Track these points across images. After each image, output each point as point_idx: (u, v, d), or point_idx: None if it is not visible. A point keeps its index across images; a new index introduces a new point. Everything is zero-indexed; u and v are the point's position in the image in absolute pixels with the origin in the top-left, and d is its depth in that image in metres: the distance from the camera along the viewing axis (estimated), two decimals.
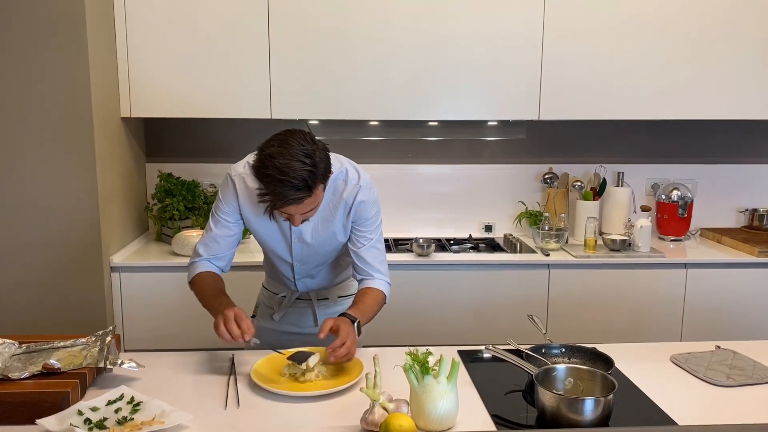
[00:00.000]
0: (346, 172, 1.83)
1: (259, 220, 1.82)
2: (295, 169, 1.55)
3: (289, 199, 1.58)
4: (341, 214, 1.83)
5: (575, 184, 3.20)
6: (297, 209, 1.63)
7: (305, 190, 1.58)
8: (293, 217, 1.68)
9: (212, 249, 1.87)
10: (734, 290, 2.84)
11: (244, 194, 1.81)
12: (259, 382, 1.57)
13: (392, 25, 2.79)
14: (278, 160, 1.56)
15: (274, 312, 2.02)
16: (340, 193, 1.81)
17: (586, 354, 1.69)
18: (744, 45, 2.88)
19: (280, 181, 1.55)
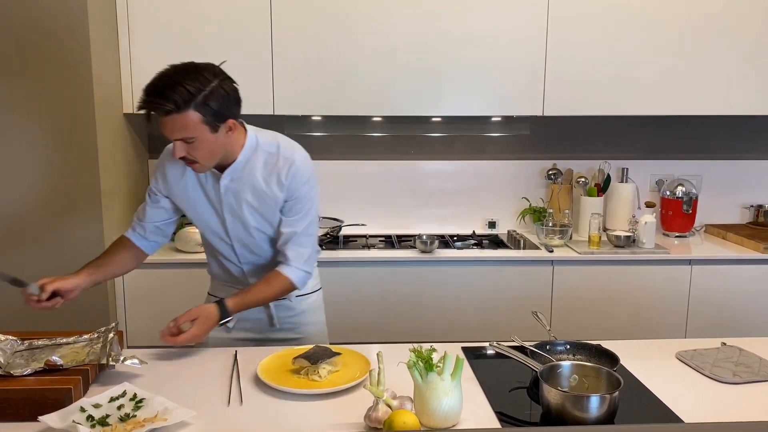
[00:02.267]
0: (278, 145, 1.80)
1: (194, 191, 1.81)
2: (175, 81, 1.56)
3: (153, 103, 1.56)
4: (275, 189, 1.77)
5: (579, 180, 3.19)
6: (167, 129, 1.61)
7: (170, 103, 1.56)
8: (174, 147, 1.65)
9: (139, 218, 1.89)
10: (739, 286, 2.83)
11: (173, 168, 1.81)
12: (264, 378, 1.56)
13: (395, 21, 2.78)
14: (167, 70, 1.60)
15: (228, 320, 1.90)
16: (271, 166, 1.77)
17: (590, 351, 1.68)
18: (750, 41, 2.86)
19: (153, 84, 1.58)
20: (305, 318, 1.98)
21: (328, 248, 2.88)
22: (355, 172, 3.23)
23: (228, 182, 1.77)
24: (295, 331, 1.96)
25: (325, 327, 2.06)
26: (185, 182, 1.81)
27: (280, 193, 1.77)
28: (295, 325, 1.96)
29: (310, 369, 1.60)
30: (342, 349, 1.73)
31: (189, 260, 2.70)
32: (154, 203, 1.87)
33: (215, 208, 1.81)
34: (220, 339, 1.92)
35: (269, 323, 1.93)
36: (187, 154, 1.66)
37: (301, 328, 1.97)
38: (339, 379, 1.58)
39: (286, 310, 1.94)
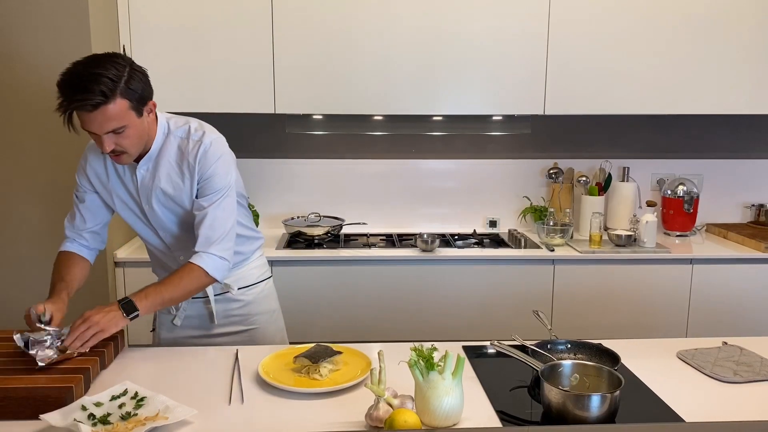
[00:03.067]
0: (189, 128, 1.76)
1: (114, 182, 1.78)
2: (93, 73, 1.52)
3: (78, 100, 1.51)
4: (186, 174, 1.74)
5: (580, 179, 3.19)
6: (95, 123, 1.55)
7: (98, 96, 1.51)
8: (100, 141, 1.59)
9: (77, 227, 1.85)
10: (740, 286, 2.83)
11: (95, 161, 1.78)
12: (265, 377, 1.56)
13: (396, 20, 2.78)
14: (77, 67, 1.55)
15: (174, 317, 1.91)
16: (183, 151, 1.74)
17: (591, 350, 1.68)
18: (752, 39, 2.86)
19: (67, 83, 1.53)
20: (254, 308, 1.95)
21: (329, 247, 2.88)
22: (355, 170, 3.23)
23: (144, 172, 1.75)
24: (246, 323, 1.94)
25: (279, 315, 2.03)
26: (108, 177, 1.79)
27: (191, 176, 1.73)
28: (244, 317, 1.94)
29: (311, 368, 1.59)
30: (343, 347, 1.73)
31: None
32: (87, 207, 1.83)
33: (135, 198, 1.79)
34: (172, 339, 1.92)
35: (209, 319, 1.91)
36: (115, 145, 1.61)
37: (251, 319, 1.94)
38: (340, 377, 1.58)
39: (231, 302, 1.91)
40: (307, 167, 3.23)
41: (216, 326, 1.92)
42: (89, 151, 1.81)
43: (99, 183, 1.81)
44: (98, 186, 1.81)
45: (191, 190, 1.75)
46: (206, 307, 1.91)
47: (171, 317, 1.93)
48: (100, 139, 1.60)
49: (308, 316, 2.75)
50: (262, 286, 1.99)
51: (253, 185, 3.20)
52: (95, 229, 1.86)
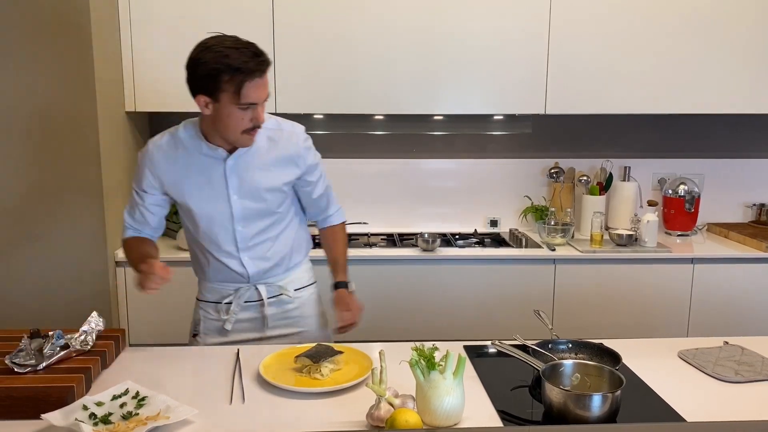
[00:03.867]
0: (278, 122, 1.84)
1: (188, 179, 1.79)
2: (243, 42, 1.62)
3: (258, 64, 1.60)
4: (284, 163, 1.82)
5: (581, 178, 3.19)
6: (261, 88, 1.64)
7: (264, 56, 1.62)
8: (258, 112, 1.66)
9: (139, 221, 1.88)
10: (741, 285, 2.83)
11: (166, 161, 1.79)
12: (266, 377, 1.56)
13: (397, 19, 2.78)
14: (224, 43, 1.61)
15: (223, 323, 1.90)
16: (275, 141, 1.81)
17: (593, 350, 1.68)
18: (752, 39, 2.86)
19: (241, 52, 1.59)
20: (306, 310, 1.98)
21: None
22: (356, 170, 3.23)
23: (233, 162, 1.77)
24: (297, 325, 1.96)
25: (325, 319, 2.06)
26: (180, 172, 1.79)
27: (291, 165, 1.83)
28: (296, 319, 1.96)
29: (312, 367, 1.60)
30: (344, 347, 1.73)
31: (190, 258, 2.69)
32: (148, 207, 1.85)
33: (218, 190, 1.79)
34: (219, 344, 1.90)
35: (264, 324, 1.92)
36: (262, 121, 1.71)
37: (303, 321, 1.97)
38: (341, 377, 1.58)
39: (284, 305, 1.93)
40: None
41: (267, 329, 1.93)
42: (155, 152, 1.81)
43: (170, 182, 1.81)
44: (169, 186, 1.81)
45: (288, 177, 1.84)
46: (260, 311, 1.92)
47: (220, 323, 1.91)
48: (256, 109, 1.66)
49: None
50: (310, 290, 2.02)
51: None
52: (155, 225, 1.90)
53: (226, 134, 1.71)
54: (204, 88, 1.64)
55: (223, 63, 1.59)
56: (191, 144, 1.78)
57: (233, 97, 1.63)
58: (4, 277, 2.56)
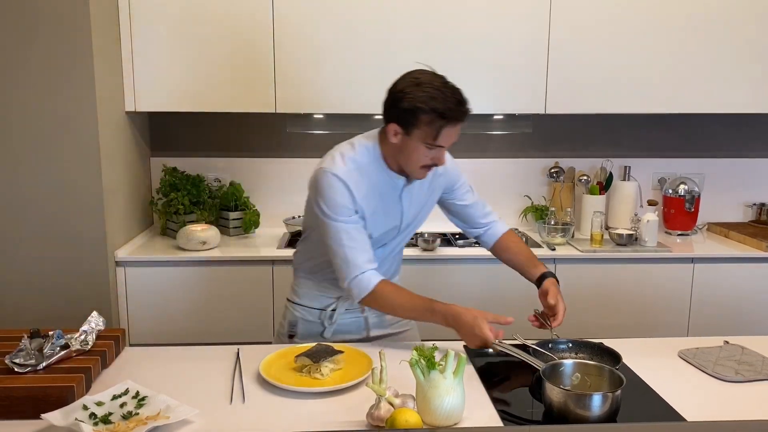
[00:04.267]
0: None
1: (374, 207, 1.76)
2: (451, 86, 1.67)
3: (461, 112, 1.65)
4: (435, 181, 1.87)
5: (581, 178, 3.19)
6: (454, 133, 1.68)
7: (467, 105, 1.67)
8: (440, 155, 1.71)
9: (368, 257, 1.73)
10: (741, 285, 2.83)
11: (357, 190, 1.71)
12: (266, 376, 1.56)
13: (397, 19, 2.77)
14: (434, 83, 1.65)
15: (324, 329, 1.91)
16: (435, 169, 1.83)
17: (593, 349, 1.69)
18: (753, 38, 2.86)
19: (447, 98, 1.62)
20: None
21: None
22: None
23: (407, 190, 1.81)
24: (390, 328, 1.98)
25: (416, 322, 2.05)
26: (368, 201, 1.75)
27: (443, 181, 1.90)
28: (390, 322, 1.98)
29: (313, 367, 1.59)
30: (344, 347, 1.72)
31: (190, 258, 2.70)
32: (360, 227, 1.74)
33: (392, 216, 1.82)
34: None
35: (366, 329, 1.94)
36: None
37: (395, 324, 1.99)
38: (341, 377, 1.58)
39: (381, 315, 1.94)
40: (308, 166, 3.21)
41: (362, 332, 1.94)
42: (348, 180, 1.71)
43: (368, 208, 1.75)
44: (367, 211, 1.75)
45: (435, 197, 1.92)
46: (361, 316, 1.93)
47: (320, 328, 1.91)
48: (441, 152, 1.71)
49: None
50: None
51: (254, 185, 3.21)
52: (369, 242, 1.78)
53: (405, 165, 1.74)
54: (400, 120, 1.67)
55: (430, 105, 1.62)
56: (371, 168, 1.75)
57: (427, 137, 1.66)
58: (4, 277, 2.56)
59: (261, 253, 2.74)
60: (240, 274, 2.72)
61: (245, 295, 2.73)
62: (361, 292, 1.71)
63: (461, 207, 1.97)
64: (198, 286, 2.71)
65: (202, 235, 2.74)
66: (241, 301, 2.72)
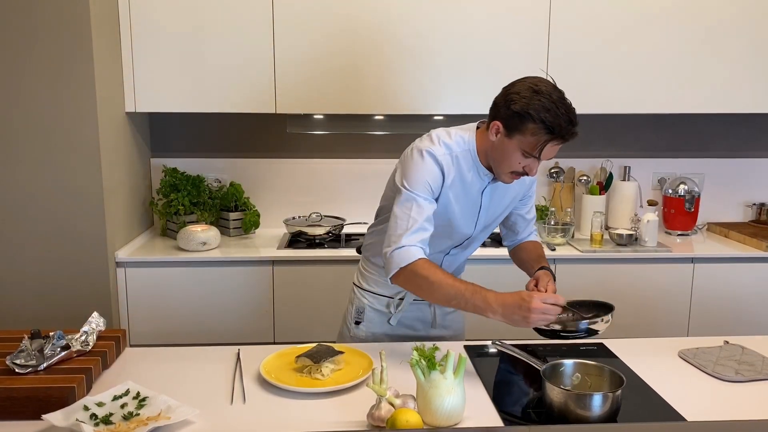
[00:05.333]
0: None
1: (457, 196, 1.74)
2: (567, 104, 1.63)
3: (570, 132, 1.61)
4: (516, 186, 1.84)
5: (581, 178, 3.19)
6: (554, 151, 1.65)
7: (576, 129, 1.62)
8: (532, 166, 1.67)
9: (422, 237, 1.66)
10: (741, 285, 2.83)
11: (449, 174, 1.71)
12: (267, 377, 1.56)
13: (396, 19, 2.78)
14: (552, 95, 1.62)
15: (390, 317, 1.92)
16: None
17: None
18: (752, 38, 2.86)
19: (559, 114, 1.59)
20: (456, 315, 2.01)
21: (330, 246, 2.88)
22: (356, 170, 3.23)
23: (491, 187, 1.79)
24: (447, 329, 1.99)
25: (464, 324, 2.07)
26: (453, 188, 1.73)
27: (521, 189, 1.87)
28: (449, 323, 1.99)
29: (313, 367, 1.60)
30: (345, 347, 1.73)
31: (191, 259, 2.70)
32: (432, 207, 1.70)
33: (472, 211, 1.79)
34: (379, 335, 1.93)
35: (432, 323, 1.95)
36: None
37: (452, 325, 2.00)
38: (342, 377, 1.58)
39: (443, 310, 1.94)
40: (308, 167, 3.23)
41: (428, 328, 1.95)
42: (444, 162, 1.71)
43: (443, 195, 1.73)
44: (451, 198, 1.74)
45: (516, 197, 1.89)
46: (429, 309, 1.94)
47: (387, 316, 1.93)
48: (534, 164, 1.67)
49: (310, 315, 2.75)
50: None
51: (255, 185, 3.21)
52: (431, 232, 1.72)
53: (496, 166, 1.71)
54: (507, 121, 1.63)
55: (541, 116, 1.58)
56: (462, 158, 1.73)
57: (527, 145, 1.62)
58: (4, 278, 2.56)
59: (261, 253, 2.75)
60: (240, 274, 2.72)
61: (245, 295, 2.73)
62: (401, 262, 1.63)
63: (518, 216, 1.95)
64: (198, 286, 2.71)
65: (202, 236, 2.74)
66: (241, 301, 2.72)
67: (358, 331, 1.96)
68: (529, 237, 2.01)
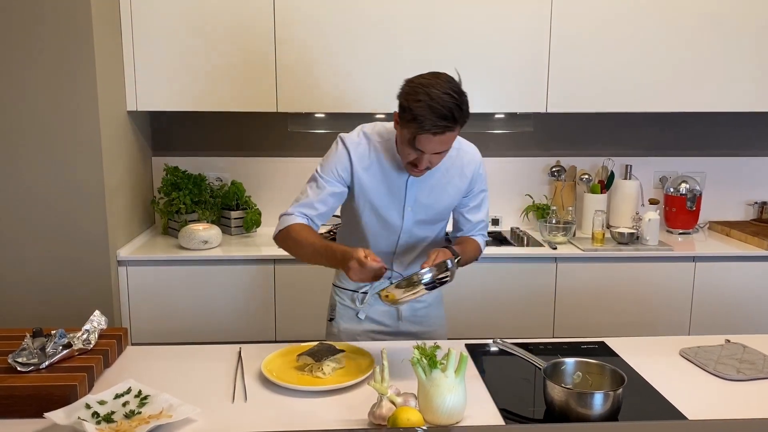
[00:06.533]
0: (459, 140, 1.85)
1: (375, 184, 1.80)
2: (445, 99, 1.58)
3: (436, 125, 1.58)
4: (457, 182, 1.84)
5: (583, 177, 3.19)
6: (432, 144, 1.63)
7: (450, 121, 1.59)
8: (421, 159, 1.66)
9: (308, 211, 1.80)
10: (743, 284, 2.82)
11: (360, 161, 1.79)
12: (268, 375, 1.56)
13: (398, 18, 2.77)
14: (430, 89, 1.59)
15: (357, 311, 1.96)
16: (452, 160, 1.83)
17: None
18: (754, 37, 2.85)
19: (429, 107, 1.57)
20: (430, 311, 2.01)
21: None
22: None
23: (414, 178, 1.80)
24: (421, 325, 1.99)
25: (445, 321, 2.08)
26: (371, 175, 1.80)
27: (463, 184, 1.86)
28: (421, 319, 1.99)
29: (314, 366, 1.60)
30: (346, 345, 1.73)
31: (192, 257, 2.70)
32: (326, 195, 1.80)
33: (397, 201, 1.83)
34: (350, 330, 1.95)
35: (397, 317, 1.96)
36: (430, 167, 1.72)
37: (426, 322, 2.00)
38: (343, 376, 1.59)
39: (416, 302, 1.95)
40: (309, 165, 3.20)
41: (396, 323, 1.96)
42: (353, 148, 1.80)
43: (357, 182, 1.80)
44: (355, 184, 1.81)
45: (456, 196, 1.87)
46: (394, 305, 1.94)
47: (355, 311, 1.96)
48: (421, 157, 1.66)
49: (311, 314, 2.75)
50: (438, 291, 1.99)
51: (256, 184, 3.21)
52: (324, 212, 1.82)
53: (399, 155, 1.75)
54: (399, 112, 1.67)
55: (412, 108, 1.60)
56: (382, 147, 1.80)
57: (407, 136, 1.65)
58: (6, 277, 2.56)
59: (262, 252, 2.75)
60: (241, 273, 2.72)
61: (247, 294, 2.73)
62: (281, 226, 1.79)
63: (460, 215, 1.94)
64: (200, 285, 2.71)
65: (203, 235, 2.74)
66: (242, 300, 2.73)
67: (331, 327, 2.00)
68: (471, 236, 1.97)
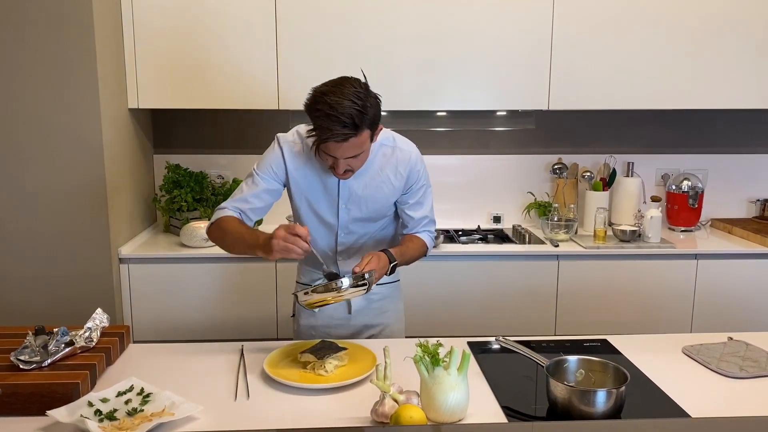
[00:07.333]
0: (394, 139, 1.88)
1: (308, 182, 1.83)
2: (344, 106, 1.59)
3: (335, 134, 1.60)
4: (392, 180, 1.85)
5: (584, 174, 3.18)
6: (341, 150, 1.64)
7: (351, 128, 1.60)
8: (337, 164, 1.68)
9: (240, 205, 1.83)
10: (745, 281, 2.82)
11: (293, 160, 1.82)
12: (270, 373, 1.56)
13: (399, 15, 2.77)
14: (329, 97, 1.61)
15: None
16: (387, 158, 1.84)
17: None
18: (756, 35, 2.85)
19: (327, 116, 1.59)
20: (384, 305, 2.01)
21: None
22: None
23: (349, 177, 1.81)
24: (379, 318, 2.00)
25: (403, 316, 2.09)
26: (304, 173, 1.83)
27: (398, 182, 1.86)
28: (375, 312, 1.99)
29: (317, 364, 1.60)
30: (348, 343, 1.73)
31: (194, 255, 2.70)
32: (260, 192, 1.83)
33: (331, 199, 1.85)
34: (310, 326, 1.98)
35: (347, 309, 1.97)
36: (352, 170, 1.73)
37: (381, 316, 2.01)
38: (345, 373, 1.59)
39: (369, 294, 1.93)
40: None
41: (348, 317, 1.97)
42: (287, 148, 1.83)
43: (291, 180, 1.84)
44: (290, 182, 1.85)
45: (393, 194, 1.88)
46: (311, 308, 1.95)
47: None
48: (337, 162, 1.69)
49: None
50: (393, 286, 2.04)
51: None
52: (258, 207, 1.85)
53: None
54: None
55: (312, 116, 1.64)
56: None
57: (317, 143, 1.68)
58: (8, 274, 2.56)
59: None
60: (243, 270, 2.72)
61: (249, 291, 2.73)
62: (213, 218, 1.82)
63: (403, 212, 1.94)
64: (202, 282, 2.71)
65: (203, 233, 2.74)
66: (244, 297, 2.73)
67: (293, 324, 2.03)
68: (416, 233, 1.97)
